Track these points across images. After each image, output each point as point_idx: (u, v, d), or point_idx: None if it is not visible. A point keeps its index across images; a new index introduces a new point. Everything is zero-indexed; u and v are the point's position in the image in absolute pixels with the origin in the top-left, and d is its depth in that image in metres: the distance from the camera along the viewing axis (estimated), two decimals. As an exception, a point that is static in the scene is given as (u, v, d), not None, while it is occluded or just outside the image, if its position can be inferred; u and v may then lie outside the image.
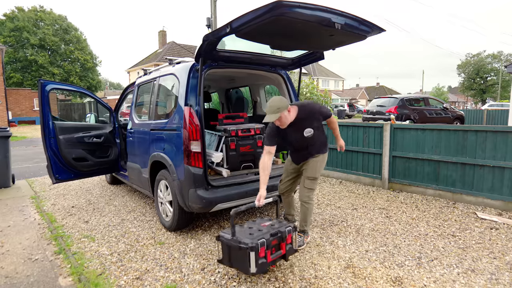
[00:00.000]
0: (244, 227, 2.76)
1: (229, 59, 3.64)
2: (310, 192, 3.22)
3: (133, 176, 4.61)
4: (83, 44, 35.80)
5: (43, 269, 2.93)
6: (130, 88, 5.31)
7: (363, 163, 5.75)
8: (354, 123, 5.99)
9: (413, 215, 4.14)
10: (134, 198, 5.17)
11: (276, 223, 2.82)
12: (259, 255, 2.42)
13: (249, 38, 3.07)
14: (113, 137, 5.12)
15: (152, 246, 3.35)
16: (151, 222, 4.06)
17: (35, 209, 4.73)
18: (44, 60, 31.95)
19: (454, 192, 4.61)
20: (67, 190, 5.78)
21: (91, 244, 3.44)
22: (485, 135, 4.28)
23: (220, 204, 3.32)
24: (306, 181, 3.22)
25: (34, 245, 3.46)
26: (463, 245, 3.26)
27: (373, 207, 4.47)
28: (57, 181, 4.61)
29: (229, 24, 2.69)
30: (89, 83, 35.74)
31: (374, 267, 2.83)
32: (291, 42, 3.27)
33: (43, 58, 31.91)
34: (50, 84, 4.51)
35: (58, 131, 4.52)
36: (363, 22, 2.77)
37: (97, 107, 8.42)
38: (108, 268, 2.91)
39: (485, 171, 4.31)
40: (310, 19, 2.53)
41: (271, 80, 4.50)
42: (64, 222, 4.14)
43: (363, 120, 13.21)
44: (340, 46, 3.36)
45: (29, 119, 25.40)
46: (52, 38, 32.78)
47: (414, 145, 5.01)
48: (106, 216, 4.35)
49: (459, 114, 13.13)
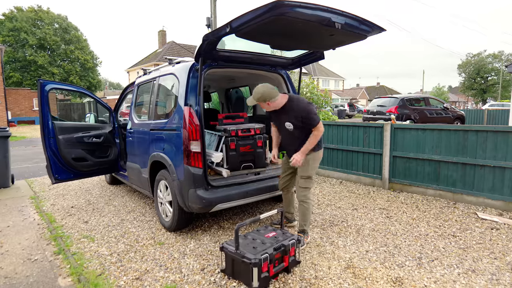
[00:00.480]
0: (248, 238, 2.79)
1: (229, 59, 3.64)
2: (305, 191, 3.24)
3: (132, 176, 4.61)
4: (83, 44, 35.81)
5: (43, 270, 2.93)
6: (129, 88, 5.31)
7: (364, 163, 5.75)
8: (354, 123, 5.99)
9: (414, 215, 4.14)
10: (133, 198, 5.17)
11: (280, 234, 2.84)
12: (262, 270, 2.45)
13: (249, 38, 3.07)
14: (113, 137, 5.12)
15: (151, 247, 3.35)
16: (150, 222, 4.06)
17: (35, 209, 4.73)
18: (44, 60, 31.95)
19: (455, 192, 4.61)
20: (66, 190, 5.78)
21: (90, 245, 3.44)
22: (486, 135, 4.28)
23: (220, 204, 3.32)
24: (300, 180, 3.26)
25: (33, 245, 3.46)
26: (463, 245, 3.26)
27: (373, 207, 4.47)
28: (57, 181, 4.61)
29: (229, 24, 2.69)
30: (89, 83, 35.74)
31: (375, 268, 2.83)
32: (291, 42, 3.28)
33: (43, 58, 31.90)
34: (49, 84, 4.51)
35: (58, 131, 4.52)
36: (364, 21, 2.77)
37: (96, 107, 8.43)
38: (108, 269, 2.91)
39: (486, 171, 4.31)
40: (310, 19, 2.53)
41: (271, 80, 4.49)
42: (64, 222, 4.13)
43: (363, 120, 13.21)
44: (341, 45, 3.36)
45: (28, 119, 25.40)
46: (52, 37, 32.79)
47: (414, 145, 5.01)
48: (106, 216, 4.35)
49: (459, 114, 13.13)
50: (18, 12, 32.32)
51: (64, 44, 34.21)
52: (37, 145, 12.50)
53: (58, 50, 33.77)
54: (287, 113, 3.12)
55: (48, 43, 32.70)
